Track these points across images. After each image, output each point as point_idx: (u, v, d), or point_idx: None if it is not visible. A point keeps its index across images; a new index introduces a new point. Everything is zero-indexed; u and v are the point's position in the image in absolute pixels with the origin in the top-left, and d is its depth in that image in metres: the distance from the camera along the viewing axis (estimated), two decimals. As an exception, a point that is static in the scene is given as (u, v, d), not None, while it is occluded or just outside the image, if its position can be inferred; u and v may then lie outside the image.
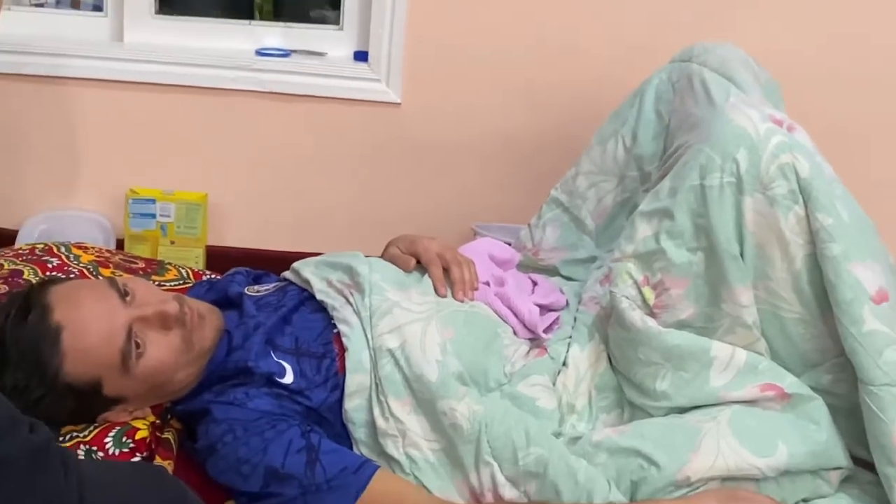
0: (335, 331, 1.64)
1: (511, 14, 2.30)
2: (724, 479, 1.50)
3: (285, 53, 2.37)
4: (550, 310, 1.75)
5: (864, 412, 1.49)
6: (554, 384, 1.65)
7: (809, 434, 1.53)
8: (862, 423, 1.51)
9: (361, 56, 2.36)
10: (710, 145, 1.54)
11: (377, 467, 1.50)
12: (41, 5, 2.54)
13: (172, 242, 2.30)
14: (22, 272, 1.68)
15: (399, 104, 2.35)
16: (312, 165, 2.38)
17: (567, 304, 1.79)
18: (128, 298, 1.53)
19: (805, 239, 1.51)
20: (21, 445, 0.84)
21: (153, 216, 2.32)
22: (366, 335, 1.63)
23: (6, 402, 0.90)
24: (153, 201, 2.31)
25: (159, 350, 1.52)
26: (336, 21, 2.44)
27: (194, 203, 2.33)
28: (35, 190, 2.35)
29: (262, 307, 1.69)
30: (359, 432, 1.57)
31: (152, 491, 1.04)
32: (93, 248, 1.82)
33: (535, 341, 1.70)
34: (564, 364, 1.67)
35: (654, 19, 2.24)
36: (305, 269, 1.76)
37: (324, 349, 1.63)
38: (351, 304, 1.67)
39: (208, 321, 1.60)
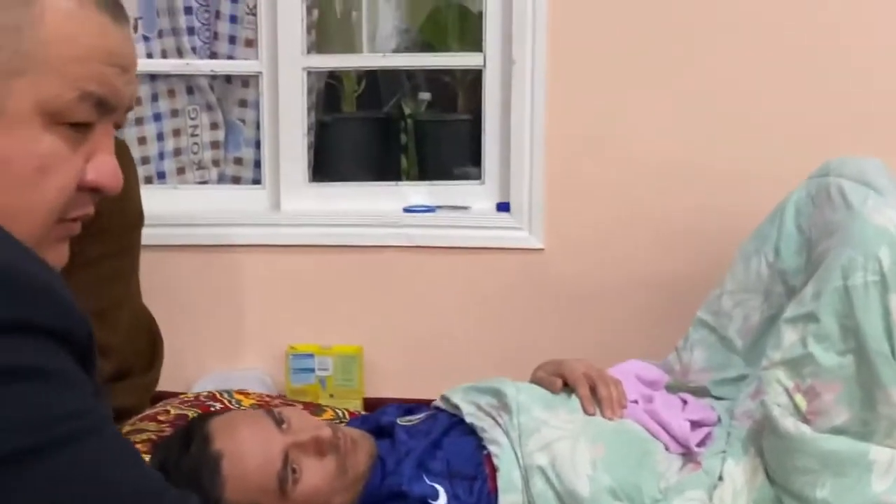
0: (485, 452, 1.66)
1: (650, 153, 2.34)
2: None
3: (431, 209, 2.46)
4: (702, 425, 1.73)
5: None
6: (710, 499, 1.61)
7: None
8: None
9: (503, 207, 2.43)
10: (851, 246, 1.55)
11: None
12: (205, 182, 2.73)
13: (331, 395, 2.36)
14: (187, 416, 1.76)
15: (542, 250, 2.40)
16: (460, 314, 2.43)
17: (719, 419, 1.76)
18: (283, 426, 1.58)
19: (961, 338, 1.48)
20: None
21: (312, 370, 2.39)
22: (516, 454, 1.63)
23: (157, 474, 0.94)
24: (312, 356, 2.39)
25: (315, 475, 1.56)
26: (478, 176, 2.52)
27: (350, 356, 2.40)
28: (203, 353, 2.46)
29: (414, 434, 1.72)
30: (514, 550, 1.57)
31: None
32: (254, 393, 1.91)
33: (689, 456, 1.68)
34: (720, 479, 1.64)
35: (791, 141, 2.26)
36: (454, 395, 1.78)
37: (475, 471, 1.64)
38: (500, 425, 1.68)
39: (361, 447, 1.63)
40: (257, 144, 2.63)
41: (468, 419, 1.72)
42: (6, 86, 0.89)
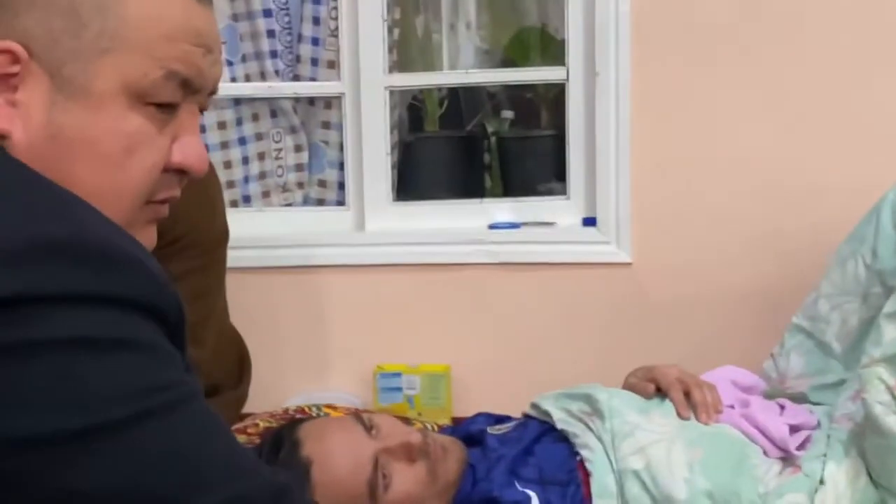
0: (578, 458, 1.67)
1: (738, 162, 2.34)
2: None
3: (516, 226, 2.48)
4: (801, 429, 1.73)
5: None
6: (812, 503, 1.62)
7: None
8: None
9: (590, 222, 2.43)
10: None
11: None
12: (290, 205, 2.78)
13: (419, 414, 2.37)
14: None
15: (630, 264, 2.39)
16: (548, 330, 2.42)
17: (818, 423, 1.77)
18: (373, 431, 1.61)
19: None
20: (256, 482, 0.86)
21: (400, 390, 2.41)
22: (609, 459, 1.66)
23: (249, 450, 0.94)
24: (399, 375, 2.41)
25: (406, 481, 1.59)
26: (563, 192, 2.53)
27: (438, 374, 2.40)
28: (291, 374, 2.49)
29: (505, 442, 1.74)
30: (612, 559, 1.60)
31: None
32: (342, 407, 1.94)
33: (788, 460, 1.68)
34: (822, 482, 1.64)
35: (886, 149, 2.25)
36: (545, 402, 1.81)
37: (568, 476, 1.65)
38: (592, 430, 1.70)
39: (452, 453, 1.66)
40: (341, 166, 2.67)
41: (559, 425, 1.74)
42: (93, 65, 0.91)
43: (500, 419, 1.89)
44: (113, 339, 0.80)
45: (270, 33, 2.69)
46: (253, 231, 2.47)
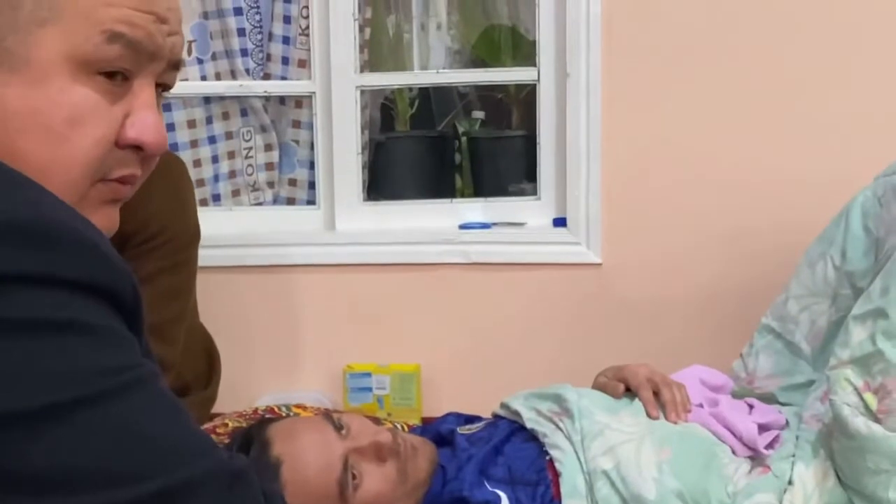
0: (548, 458, 1.67)
1: (707, 162, 2.36)
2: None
3: (486, 226, 2.49)
4: (770, 428, 1.74)
5: None
6: (780, 502, 1.62)
7: None
8: None
9: (560, 222, 2.45)
10: None
11: None
12: (260, 204, 2.79)
13: (389, 414, 2.37)
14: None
15: (600, 264, 2.41)
16: (518, 330, 2.44)
17: (787, 423, 1.77)
18: (343, 431, 1.61)
19: None
20: (212, 465, 0.84)
21: (370, 390, 2.41)
22: (579, 459, 1.66)
23: (206, 434, 0.92)
24: (369, 375, 2.41)
25: (375, 481, 1.59)
26: (533, 192, 2.55)
27: (408, 374, 2.41)
28: (260, 373, 2.49)
29: (475, 441, 1.74)
30: (581, 561, 1.60)
31: None
32: (312, 407, 1.94)
33: (757, 460, 1.68)
34: (790, 483, 1.64)
35: (854, 148, 2.27)
36: (514, 401, 1.81)
37: (538, 476, 1.66)
38: (561, 430, 1.70)
39: (422, 453, 1.66)
40: (311, 165, 2.69)
41: (529, 425, 1.73)
42: (33, 36, 0.89)
43: (470, 419, 1.90)
44: (63, 320, 0.79)
45: (241, 31, 2.70)
46: (222, 230, 2.48)
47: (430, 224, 2.56)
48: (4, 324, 0.76)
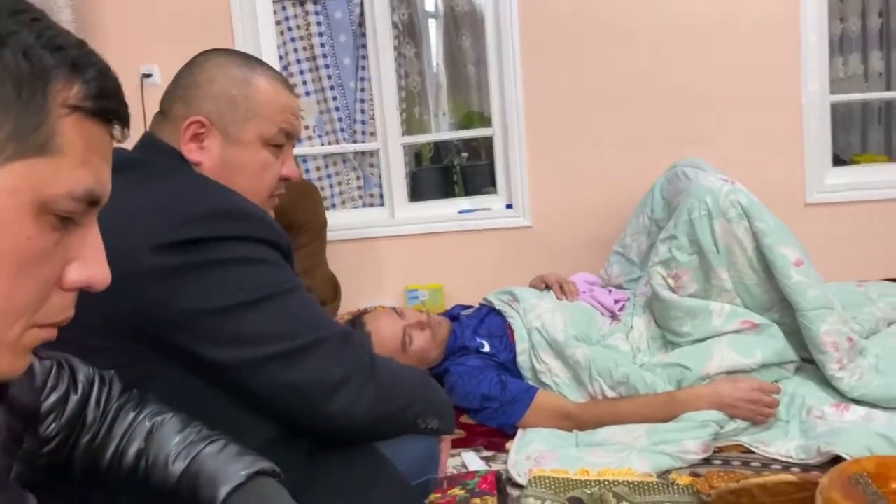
0: (507, 322, 1.67)
1: (596, 173, 2.26)
2: (728, 372, 1.46)
3: (471, 211, 2.56)
4: (620, 301, 1.76)
5: (802, 328, 1.47)
6: (627, 337, 1.63)
7: (772, 344, 1.49)
8: (801, 336, 1.48)
9: (509, 206, 2.53)
10: (692, 197, 1.56)
11: (538, 388, 1.53)
12: (356, 207, 2.62)
13: (427, 309, 2.13)
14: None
15: (531, 227, 2.49)
16: (489, 265, 2.41)
17: (629, 298, 1.78)
18: (402, 316, 1.62)
19: (751, 238, 1.48)
20: (333, 331, 0.83)
21: (417, 297, 2.38)
22: (523, 322, 1.65)
23: (328, 313, 0.93)
24: (417, 291, 2.37)
25: (420, 340, 1.59)
26: (495, 191, 2.56)
27: (435, 289, 2.39)
28: (359, 294, 2.36)
29: (470, 318, 1.75)
30: (526, 373, 1.62)
31: (414, 371, 0.99)
32: (386, 306, 1.85)
33: (615, 318, 1.70)
34: (632, 328, 1.65)
35: (659, 149, 2.21)
36: (490, 296, 1.82)
37: (502, 332, 1.66)
38: (514, 309, 1.69)
39: (444, 325, 1.68)
40: (380, 185, 2.64)
41: (497, 306, 1.74)
42: (244, 126, 0.90)
43: (467, 307, 1.94)
44: (255, 257, 0.78)
45: (340, 119, 2.70)
46: (337, 221, 2.46)
47: (442, 211, 2.60)
48: (230, 259, 0.76)
